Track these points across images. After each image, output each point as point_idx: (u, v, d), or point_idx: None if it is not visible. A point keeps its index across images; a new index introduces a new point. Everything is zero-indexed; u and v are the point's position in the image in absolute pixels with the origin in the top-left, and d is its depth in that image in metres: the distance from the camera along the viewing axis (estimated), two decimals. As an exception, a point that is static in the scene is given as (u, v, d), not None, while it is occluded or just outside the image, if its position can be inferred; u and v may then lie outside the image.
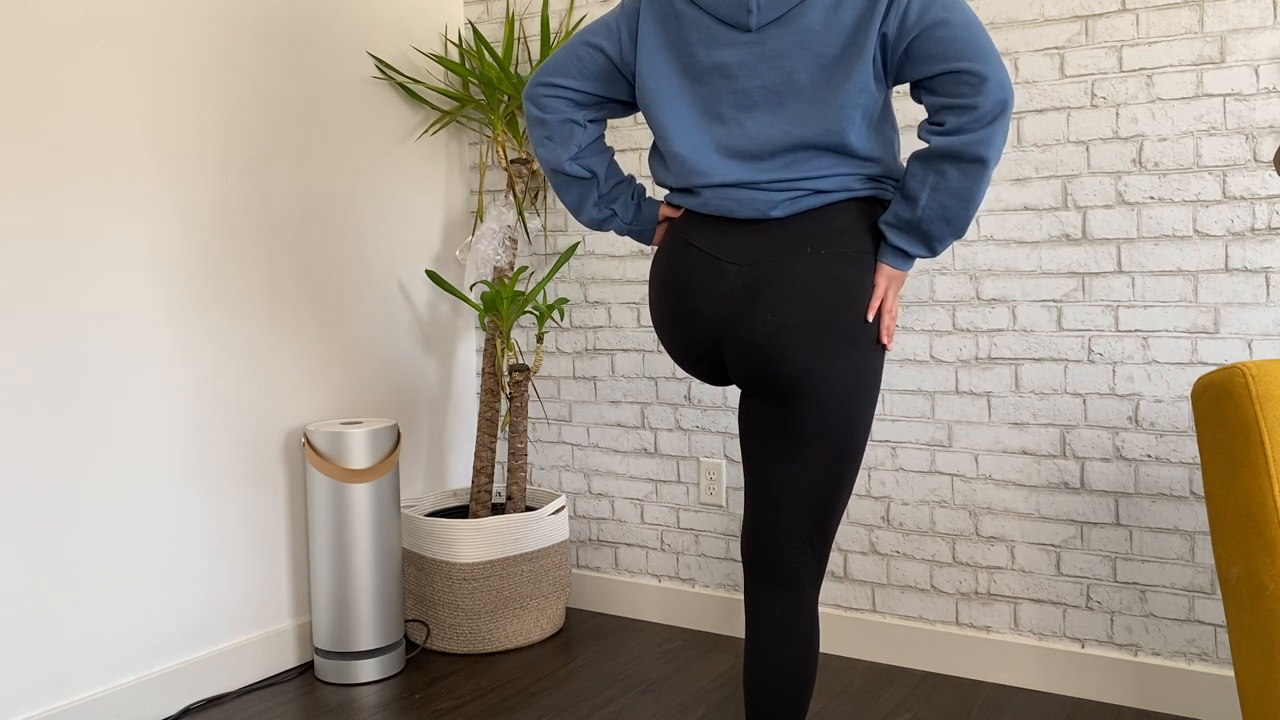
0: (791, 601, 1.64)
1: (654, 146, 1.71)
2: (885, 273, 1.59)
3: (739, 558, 2.82)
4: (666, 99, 1.64)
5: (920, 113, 2.50)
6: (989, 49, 1.48)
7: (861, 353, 1.57)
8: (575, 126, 1.70)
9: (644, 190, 1.80)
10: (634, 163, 2.91)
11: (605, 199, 1.76)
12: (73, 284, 2.20)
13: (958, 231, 1.55)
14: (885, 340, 1.60)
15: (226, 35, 2.50)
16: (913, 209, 1.54)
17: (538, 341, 2.90)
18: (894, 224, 1.57)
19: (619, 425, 2.99)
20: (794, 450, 1.60)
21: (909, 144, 2.51)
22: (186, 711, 2.40)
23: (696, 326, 1.63)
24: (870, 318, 1.58)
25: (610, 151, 1.77)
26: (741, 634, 2.82)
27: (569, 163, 1.71)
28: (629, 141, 2.92)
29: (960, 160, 1.50)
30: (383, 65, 2.90)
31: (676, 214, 1.72)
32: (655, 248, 1.78)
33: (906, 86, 2.47)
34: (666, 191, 1.71)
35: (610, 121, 2.96)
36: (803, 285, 1.54)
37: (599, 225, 1.78)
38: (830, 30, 1.53)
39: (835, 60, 1.54)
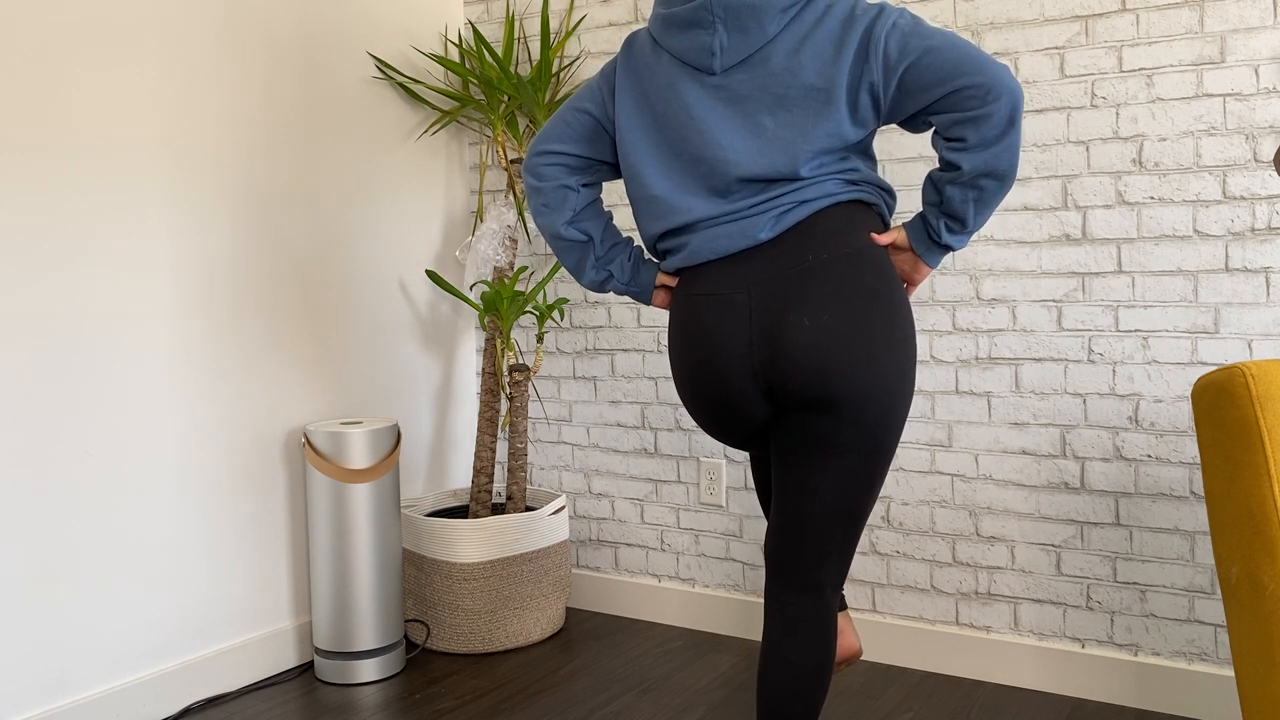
0: (813, 605, 1.64)
1: (633, 203, 1.73)
2: (924, 271, 1.68)
3: (739, 558, 2.83)
4: (643, 146, 1.67)
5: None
6: (980, 57, 1.50)
7: (898, 352, 1.58)
8: (569, 192, 1.74)
9: (641, 252, 1.81)
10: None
11: (601, 261, 1.78)
12: (75, 283, 2.20)
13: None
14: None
15: (229, 37, 2.50)
16: (964, 225, 1.61)
17: (538, 341, 2.90)
18: (942, 242, 1.63)
19: (619, 425, 2.99)
20: (831, 462, 1.59)
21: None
22: (186, 711, 2.40)
23: (729, 366, 1.60)
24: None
25: (607, 216, 1.80)
26: (742, 633, 2.82)
27: (564, 227, 1.75)
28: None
29: (994, 175, 1.55)
30: (383, 65, 2.90)
31: (672, 281, 1.74)
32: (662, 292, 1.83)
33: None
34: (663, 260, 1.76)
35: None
36: (826, 287, 1.55)
37: (599, 287, 1.81)
38: (790, 72, 1.56)
39: (798, 102, 1.57)
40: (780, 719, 1.65)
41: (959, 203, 1.58)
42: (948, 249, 1.65)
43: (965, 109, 1.51)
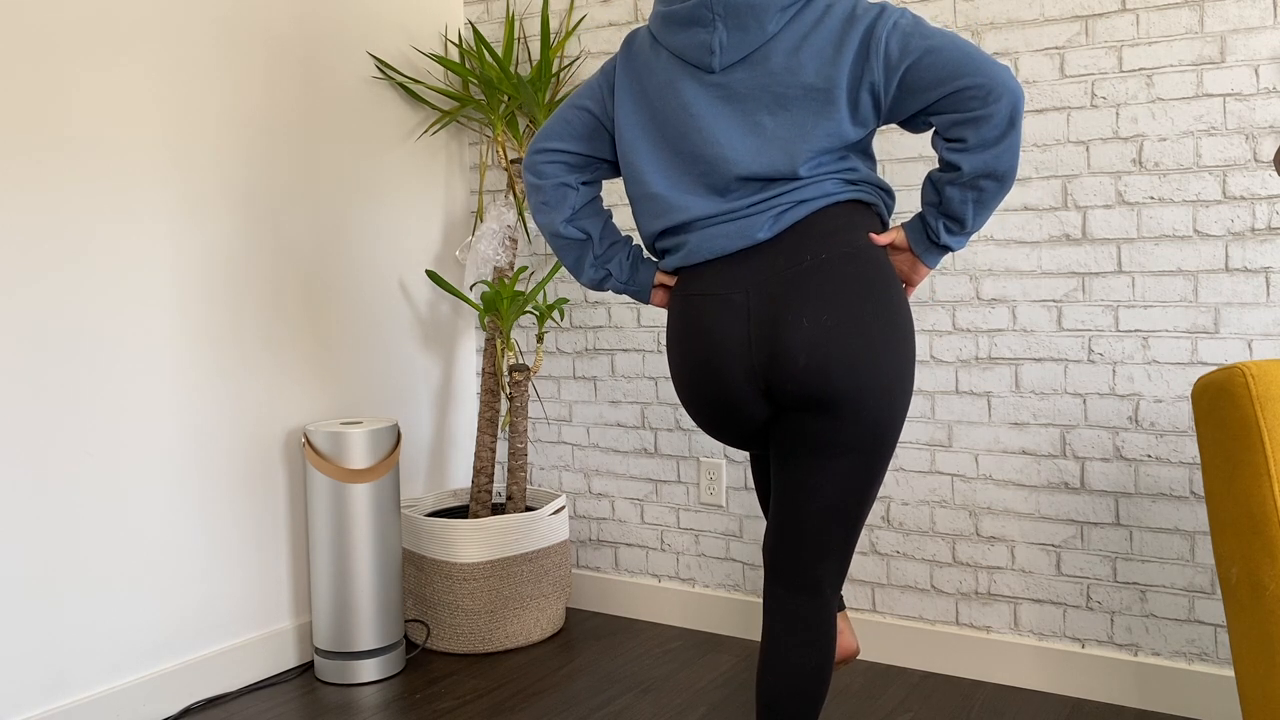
0: (813, 605, 1.64)
1: (632, 201, 1.73)
2: (922, 271, 1.68)
3: (739, 558, 2.82)
4: (642, 144, 1.67)
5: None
6: (981, 58, 1.50)
7: (897, 351, 1.58)
8: (569, 190, 1.75)
9: (640, 251, 1.82)
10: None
11: (600, 259, 1.79)
12: (75, 283, 2.20)
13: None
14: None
15: (229, 37, 2.50)
16: (963, 226, 1.61)
17: (538, 341, 2.90)
18: (941, 242, 1.63)
19: (619, 425, 2.99)
20: (830, 462, 1.59)
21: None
22: (186, 711, 2.40)
23: (728, 366, 1.60)
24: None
25: (607, 214, 1.81)
26: (742, 633, 2.82)
27: (563, 225, 1.76)
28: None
29: (994, 176, 1.55)
30: (383, 65, 2.90)
31: (671, 281, 1.75)
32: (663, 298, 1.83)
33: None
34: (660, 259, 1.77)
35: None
36: (825, 287, 1.55)
37: (598, 285, 1.81)
38: (790, 71, 1.56)
39: (798, 101, 1.57)
40: (780, 719, 1.64)
41: (958, 203, 1.58)
42: (946, 249, 1.64)
43: (966, 109, 1.51)
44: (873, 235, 1.61)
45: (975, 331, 2.46)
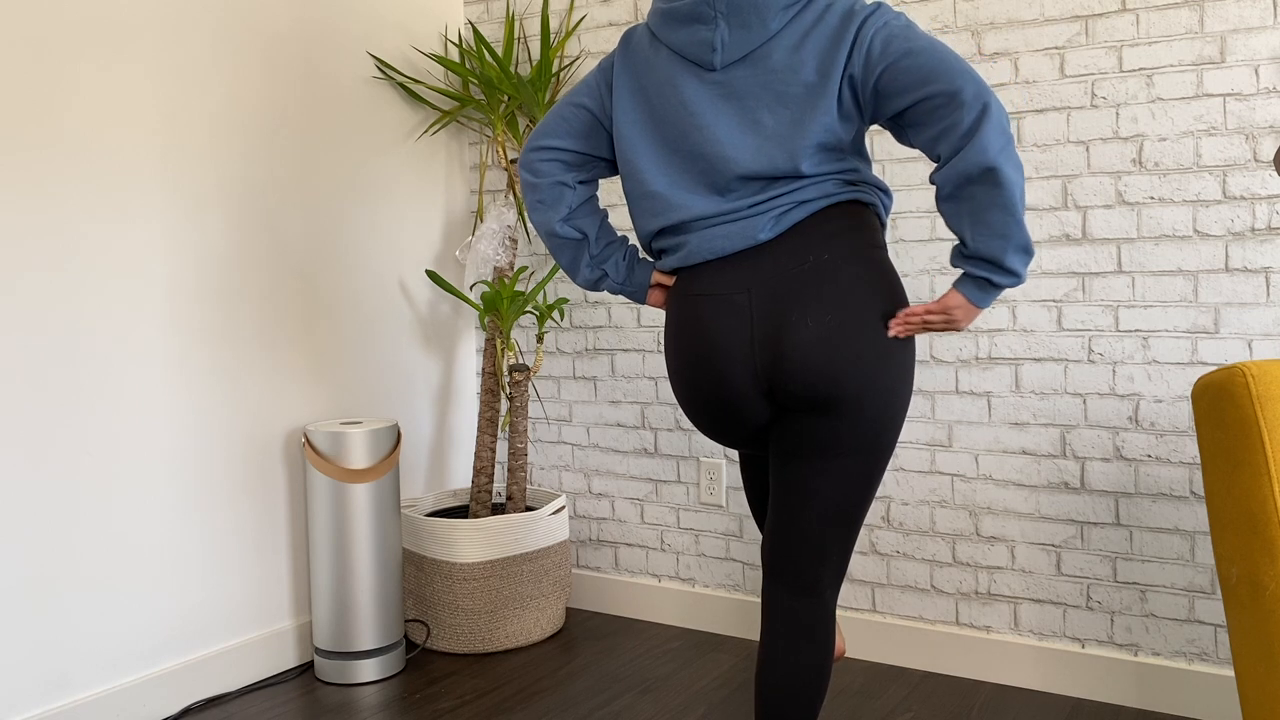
0: (812, 606, 1.64)
1: (630, 199, 1.70)
2: (955, 298, 1.55)
3: (739, 557, 2.82)
4: (641, 142, 1.66)
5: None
6: (954, 64, 1.48)
7: (898, 352, 1.57)
8: (565, 188, 1.74)
9: (636, 251, 1.81)
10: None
11: (596, 260, 1.78)
12: (75, 283, 2.20)
13: (1018, 243, 1.49)
14: (896, 329, 1.56)
15: (228, 37, 2.50)
16: (965, 246, 1.52)
17: (538, 341, 2.90)
18: (961, 264, 1.55)
19: (619, 425, 2.99)
20: (831, 463, 1.59)
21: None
22: (186, 711, 2.40)
23: (729, 368, 1.59)
24: (899, 328, 1.56)
25: (603, 214, 1.80)
26: (742, 633, 2.82)
27: (559, 224, 1.75)
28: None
29: (974, 181, 1.48)
30: (383, 65, 2.90)
31: (668, 280, 1.74)
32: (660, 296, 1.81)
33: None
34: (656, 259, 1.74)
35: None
36: (828, 288, 1.54)
37: (593, 286, 1.80)
38: (791, 69, 1.55)
39: (798, 99, 1.56)
40: (780, 719, 1.64)
41: (953, 219, 1.53)
42: (970, 277, 1.54)
43: (936, 120, 1.48)
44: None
45: (975, 331, 2.46)
